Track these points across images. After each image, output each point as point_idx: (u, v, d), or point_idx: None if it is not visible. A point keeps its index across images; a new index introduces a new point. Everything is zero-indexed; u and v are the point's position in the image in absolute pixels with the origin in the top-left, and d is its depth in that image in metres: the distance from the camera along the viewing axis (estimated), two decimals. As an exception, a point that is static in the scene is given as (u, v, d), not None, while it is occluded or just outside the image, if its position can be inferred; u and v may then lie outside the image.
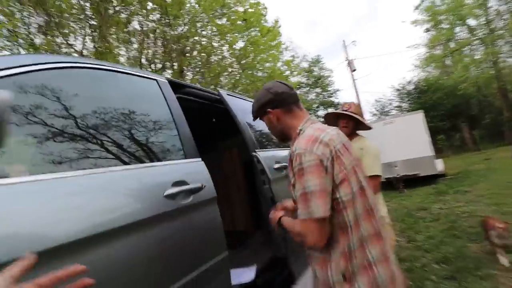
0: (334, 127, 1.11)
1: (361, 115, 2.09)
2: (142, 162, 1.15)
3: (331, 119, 2.16)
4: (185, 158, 1.32)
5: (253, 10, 7.15)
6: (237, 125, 1.80)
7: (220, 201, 1.34)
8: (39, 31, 5.28)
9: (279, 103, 1.13)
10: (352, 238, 0.95)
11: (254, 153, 1.77)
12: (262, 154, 1.79)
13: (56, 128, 0.92)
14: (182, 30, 6.46)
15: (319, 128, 1.05)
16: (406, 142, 8.16)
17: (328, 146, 0.97)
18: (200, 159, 1.39)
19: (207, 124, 2.82)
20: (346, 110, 2.04)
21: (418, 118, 8.76)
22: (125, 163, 1.07)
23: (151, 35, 6.30)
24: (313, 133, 1.01)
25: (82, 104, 1.05)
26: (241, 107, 1.96)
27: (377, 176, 1.91)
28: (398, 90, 22.88)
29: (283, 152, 2.17)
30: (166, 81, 1.53)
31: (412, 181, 8.40)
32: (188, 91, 1.79)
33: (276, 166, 1.85)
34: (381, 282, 0.93)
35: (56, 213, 0.75)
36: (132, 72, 1.35)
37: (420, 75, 23.90)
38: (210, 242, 1.25)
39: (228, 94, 1.98)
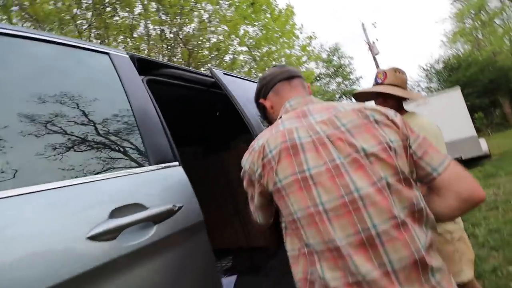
0: (328, 108, 0.78)
1: (403, 83, 1.54)
2: (58, 177, 0.70)
3: (364, 99, 1.65)
4: (149, 164, 0.89)
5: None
6: (240, 113, 1.35)
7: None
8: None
9: (266, 88, 0.95)
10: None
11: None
12: None
13: None
14: (191, 28, 6.20)
15: (274, 124, 0.81)
16: (444, 123, 7.31)
17: (257, 155, 0.75)
18: (177, 163, 0.97)
19: (204, 118, 2.36)
20: (380, 83, 1.50)
21: (456, 95, 7.88)
22: (25, 181, 0.63)
23: (158, 37, 6.10)
24: (258, 136, 0.82)
25: None
26: (243, 90, 1.50)
27: None
28: (425, 70, 21.41)
29: None
30: (127, 56, 1.13)
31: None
32: (167, 72, 1.34)
33: None
34: None
35: None
36: (71, 43, 0.95)
37: (448, 52, 22.22)
38: None
39: (226, 74, 1.51)
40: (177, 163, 0.96)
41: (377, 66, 15.79)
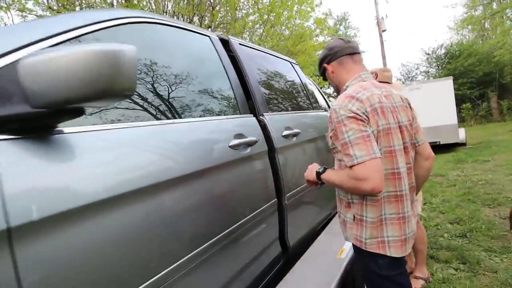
0: (385, 87, 1.19)
1: (389, 79, 2.15)
2: (208, 115, 1.28)
3: None
4: (240, 114, 1.45)
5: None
6: (245, 81, 1.59)
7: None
8: None
9: (332, 57, 1.23)
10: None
11: (261, 117, 1.56)
12: (270, 118, 1.61)
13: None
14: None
15: (362, 86, 1.13)
16: (431, 109, 7.98)
17: (363, 103, 1.05)
18: (252, 115, 1.53)
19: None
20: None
21: (447, 85, 8.45)
22: (194, 116, 1.21)
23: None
24: (353, 91, 1.10)
25: (156, 60, 1.13)
26: (253, 57, 1.75)
27: None
28: (427, 54, 21.56)
29: (296, 116, 1.95)
30: (217, 37, 1.59)
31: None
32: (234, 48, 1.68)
33: (285, 133, 1.65)
34: (386, 238, 1.09)
35: (145, 155, 0.86)
36: (188, 28, 1.42)
37: (453, 38, 22.20)
38: (263, 189, 1.44)
39: (242, 44, 1.75)
40: (251, 115, 1.52)
41: (382, 43, 15.90)
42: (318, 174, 1.20)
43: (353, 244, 1.18)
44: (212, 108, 1.34)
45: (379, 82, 2.05)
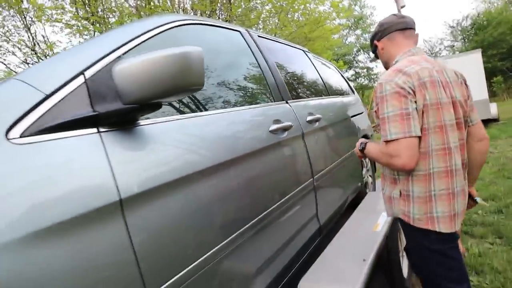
0: (438, 62, 1.16)
1: None
2: (250, 104, 1.40)
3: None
4: (274, 101, 1.55)
5: None
6: (271, 71, 1.68)
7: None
8: None
9: (382, 33, 1.24)
10: (419, 167, 1.08)
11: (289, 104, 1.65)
12: (295, 105, 1.69)
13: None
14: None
15: (412, 60, 1.12)
16: (458, 85, 7.65)
17: (410, 77, 1.04)
18: (285, 102, 1.62)
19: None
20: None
21: (476, 59, 8.05)
22: (238, 105, 1.33)
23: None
24: (401, 65, 1.10)
25: (207, 58, 1.23)
26: (271, 49, 1.84)
27: None
28: (452, 27, 20.38)
29: (315, 102, 2.02)
30: (246, 31, 1.69)
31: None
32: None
33: (309, 118, 1.72)
34: (435, 214, 1.09)
35: (207, 140, 0.99)
36: (222, 25, 1.53)
37: (480, 7, 20.78)
38: (300, 170, 1.54)
39: (260, 36, 1.85)
40: (284, 102, 1.62)
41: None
42: (361, 149, 1.28)
43: (400, 220, 1.20)
44: (254, 97, 1.47)
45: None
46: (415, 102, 1.04)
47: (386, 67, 1.27)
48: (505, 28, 16.83)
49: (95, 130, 0.70)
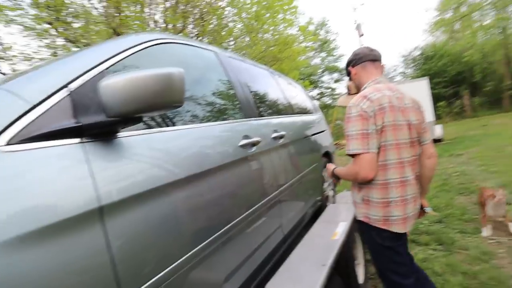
0: (399, 90, 1.36)
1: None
2: (223, 120, 1.48)
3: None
4: (245, 117, 1.65)
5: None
6: (235, 94, 1.72)
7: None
8: None
9: (356, 61, 1.44)
10: (378, 178, 1.28)
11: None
12: (261, 122, 1.78)
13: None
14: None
15: (376, 88, 1.31)
16: (408, 108, 8.47)
17: (373, 102, 1.24)
18: (254, 119, 1.73)
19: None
20: (348, 93, 2.41)
21: (423, 85, 9.02)
22: (212, 120, 1.40)
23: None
24: (367, 92, 1.30)
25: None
26: (240, 69, 1.92)
27: None
28: (404, 56, 22.58)
29: (280, 120, 2.08)
30: (219, 51, 1.80)
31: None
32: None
33: (274, 135, 1.78)
34: (391, 217, 1.29)
35: (180, 153, 1.04)
36: (196, 45, 1.62)
37: (428, 39, 23.41)
38: (266, 183, 1.63)
39: (231, 57, 1.93)
40: (253, 118, 1.71)
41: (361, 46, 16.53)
42: (333, 172, 1.54)
43: (361, 222, 1.41)
44: (227, 113, 1.57)
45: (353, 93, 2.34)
46: (375, 124, 1.25)
47: (358, 90, 1.48)
48: (446, 60, 19.16)
49: (78, 140, 0.74)
